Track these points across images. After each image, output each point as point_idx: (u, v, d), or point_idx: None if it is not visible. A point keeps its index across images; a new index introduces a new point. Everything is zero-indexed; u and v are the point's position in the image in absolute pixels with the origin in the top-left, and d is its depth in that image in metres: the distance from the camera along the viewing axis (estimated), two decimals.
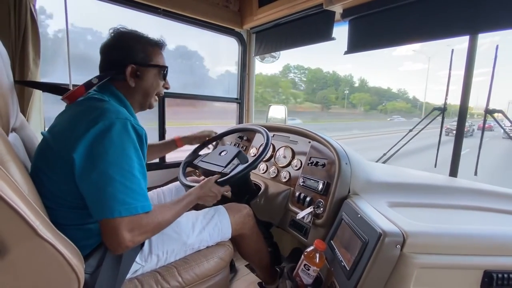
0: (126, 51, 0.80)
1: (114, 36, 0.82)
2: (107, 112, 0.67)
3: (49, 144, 0.69)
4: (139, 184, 0.67)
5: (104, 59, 0.82)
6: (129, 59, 0.80)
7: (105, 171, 0.63)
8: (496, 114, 1.36)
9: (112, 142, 0.64)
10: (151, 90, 0.86)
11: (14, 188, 0.47)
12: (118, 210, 0.62)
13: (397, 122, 33.74)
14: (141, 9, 1.55)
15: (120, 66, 0.79)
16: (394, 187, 1.05)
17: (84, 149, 0.63)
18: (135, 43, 0.81)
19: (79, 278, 0.56)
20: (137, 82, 0.82)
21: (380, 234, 0.68)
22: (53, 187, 0.67)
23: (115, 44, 0.81)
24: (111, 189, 0.62)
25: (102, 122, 0.64)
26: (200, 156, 1.31)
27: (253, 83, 2.17)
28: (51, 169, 0.67)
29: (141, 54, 0.82)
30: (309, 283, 0.86)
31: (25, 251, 0.48)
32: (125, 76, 0.80)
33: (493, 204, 1.01)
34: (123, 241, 0.63)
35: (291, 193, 1.22)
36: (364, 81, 63.88)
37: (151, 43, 0.85)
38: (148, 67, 0.83)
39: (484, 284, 0.69)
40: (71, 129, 0.66)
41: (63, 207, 0.69)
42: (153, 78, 0.85)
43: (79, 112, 0.71)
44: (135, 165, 0.67)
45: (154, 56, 0.85)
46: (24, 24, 1.11)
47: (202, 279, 0.92)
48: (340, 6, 1.34)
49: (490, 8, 1.05)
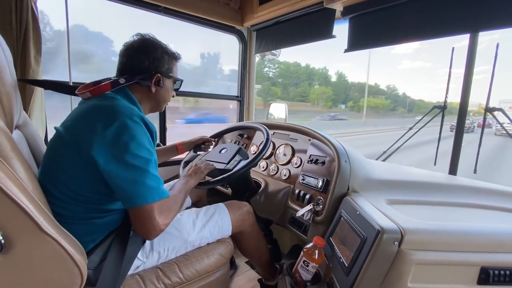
0: (155, 59, 0.85)
1: (143, 42, 0.86)
2: (122, 110, 0.71)
3: (63, 138, 0.72)
4: (156, 172, 0.73)
5: (129, 61, 0.85)
6: (157, 68, 0.86)
7: (132, 163, 0.68)
8: (496, 112, 1.36)
9: (132, 137, 0.68)
10: (167, 97, 0.94)
11: (19, 185, 0.47)
12: (151, 196, 0.69)
13: (328, 122, 23.15)
14: (142, 6, 1.55)
15: (147, 73, 0.84)
16: (393, 185, 1.06)
17: (106, 147, 0.67)
18: (163, 53, 0.87)
19: (82, 273, 0.57)
20: (157, 90, 0.88)
21: (378, 231, 0.69)
22: (66, 178, 0.70)
23: (145, 51, 0.85)
24: (141, 178, 0.68)
25: (119, 120, 0.69)
26: (200, 154, 1.32)
27: (253, 80, 2.17)
28: (65, 163, 0.70)
29: (166, 65, 0.88)
30: (308, 279, 0.87)
31: (29, 246, 0.49)
32: (150, 82, 0.85)
33: (491, 202, 1.01)
34: (157, 225, 0.70)
35: (291, 190, 1.23)
36: (342, 75, 57.20)
37: (174, 56, 0.92)
38: (169, 78, 0.91)
39: (481, 280, 0.70)
40: (88, 127, 0.70)
41: (72, 200, 0.71)
42: (170, 87, 0.93)
43: (94, 110, 0.74)
44: (154, 155, 0.73)
45: (175, 68, 0.93)
46: (25, 22, 1.12)
47: (203, 275, 0.93)
48: (340, 4, 1.34)
49: (490, 7, 1.05)
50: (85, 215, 0.74)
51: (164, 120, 1.75)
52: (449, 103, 1.46)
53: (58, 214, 0.69)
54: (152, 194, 0.70)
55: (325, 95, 46.79)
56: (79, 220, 0.73)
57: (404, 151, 1.61)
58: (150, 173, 0.70)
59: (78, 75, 1.38)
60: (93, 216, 0.75)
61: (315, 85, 48.93)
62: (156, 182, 0.72)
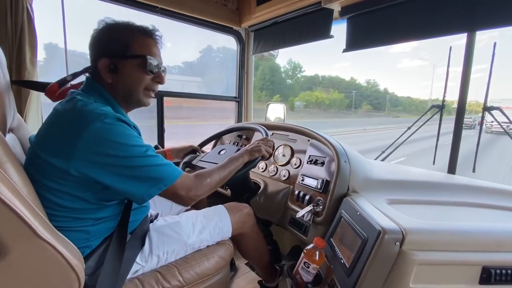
0: (99, 43, 0.73)
1: (93, 35, 0.75)
2: (95, 115, 0.64)
3: (38, 153, 0.66)
4: (158, 159, 0.71)
5: (90, 57, 0.76)
6: (102, 51, 0.72)
7: (129, 165, 0.66)
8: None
9: (115, 140, 0.64)
10: (132, 85, 0.76)
11: (13, 189, 0.46)
12: (163, 183, 0.70)
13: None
14: (139, 7, 1.54)
15: (94, 61, 0.73)
16: (393, 185, 1.05)
17: (90, 157, 0.63)
18: (111, 34, 0.73)
19: (80, 278, 0.56)
20: (114, 77, 0.74)
21: (379, 231, 0.69)
22: (51, 194, 0.66)
23: (92, 40, 0.74)
24: (145, 173, 0.67)
25: (95, 126, 0.62)
26: (199, 156, 1.31)
27: (251, 81, 2.17)
28: (47, 178, 0.65)
29: (116, 44, 0.72)
30: (309, 280, 0.87)
31: (25, 252, 0.48)
32: (99, 71, 0.73)
33: (491, 201, 1.01)
34: (188, 198, 0.75)
35: (290, 191, 1.22)
36: (297, 67, 52.06)
37: (132, 31, 0.74)
38: (125, 59, 0.73)
39: (483, 280, 0.70)
40: (62, 139, 0.64)
41: (62, 213, 0.68)
42: (133, 71, 0.75)
43: (65, 118, 0.67)
44: (146, 147, 0.69)
45: (135, 45, 0.74)
46: (20, 23, 1.10)
47: (203, 278, 0.92)
48: (338, 4, 1.34)
49: (487, 6, 1.05)
50: (77, 225, 0.71)
51: (162, 122, 1.74)
52: (435, 101, 1.46)
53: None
54: (159, 185, 0.69)
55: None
56: (71, 228, 0.70)
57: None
58: (150, 166, 0.68)
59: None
60: (85, 224, 0.72)
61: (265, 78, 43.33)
62: (159, 169, 0.70)
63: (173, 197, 0.75)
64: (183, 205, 0.78)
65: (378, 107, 60.33)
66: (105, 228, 0.77)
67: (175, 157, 1.30)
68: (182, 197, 0.74)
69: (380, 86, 73.23)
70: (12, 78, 1.11)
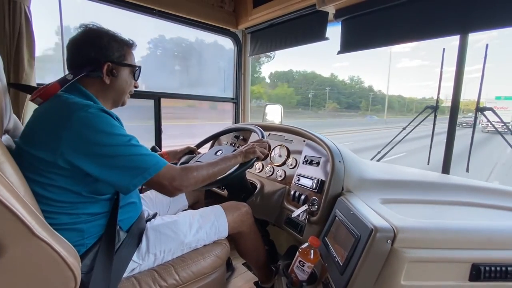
0: (102, 48, 0.79)
1: (87, 32, 0.80)
2: (76, 107, 0.67)
3: (25, 149, 0.68)
4: (142, 149, 0.73)
5: (76, 55, 0.79)
6: (106, 57, 0.80)
7: (112, 153, 0.67)
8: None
9: (99, 129, 0.67)
10: (125, 88, 0.88)
11: (10, 189, 0.47)
12: (148, 173, 0.70)
13: None
14: (136, 10, 1.55)
15: (96, 64, 0.78)
16: (387, 184, 1.07)
17: (75, 146, 0.65)
18: (111, 41, 0.81)
19: (76, 276, 0.57)
20: (112, 80, 0.82)
21: (371, 229, 0.70)
22: (42, 190, 0.67)
23: (90, 41, 0.79)
24: (128, 162, 0.69)
25: (75, 118, 0.65)
26: (196, 156, 1.32)
27: (248, 83, 2.18)
28: (36, 173, 0.66)
29: (116, 52, 0.82)
30: (304, 279, 0.88)
31: (22, 251, 0.49)
32: (102, 73, 0.79)
33: (482, 200, 1.03)
34: (169, 188, 0.75)
35: (286, 191, 1.23)
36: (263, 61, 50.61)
37: (127, 43, 0.86)
38: (123, 66, 0.84)
39: (472, 276, 0.71)
40: (47, 131, 0.66)
41: (56, 208, 0.69)
42: (127, 77, 0.87)
43: (49, 112, 0.70)
44: (130, 137, 0.71)
45: (128, 55, 0.86)
46: (18, 25, 1.11)
47: (199, 277, 0.93)
48: (332, 7, 1.36)
49: (480, 8, 1.07)
50: (71, 221, 0.71)
51: (159, 123, 1.74)
52: (429, 100, 1.48)
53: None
54: (144, 175, 0.70)
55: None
56: (65, 226, 0.70)
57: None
58: (134, 155, 0.70)
59: None
60: (79, 221, 0.72)
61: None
62: (143, 158, 0.71)
63: (157, 186, 0.75)
64: (167, 195, 0.77)
65: (353, 105, 55.22)
66: (99, 225, 0.77)
67: (172, 159, 1.31)
68: (165, 186, 0.74)
69: (365, 83, 68.73)
70: (10, 80, 1.12)
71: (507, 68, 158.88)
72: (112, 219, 0.78)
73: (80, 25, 0.81)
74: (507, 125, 1.41)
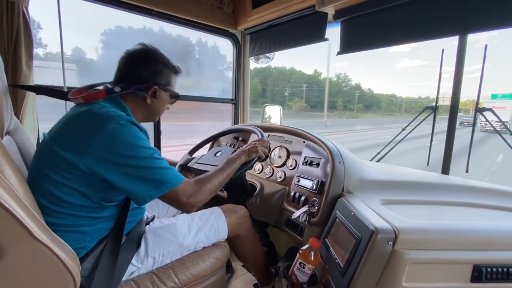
0: (155, 72, 0.85)
1: (145, 52, 0.85)
2: (111, 117, 0.71)
3: (51, 147, 0.70)
4: (163, 163, 0.74)
5: (129, 70, 0.84)
6: (155, 80, 0.85)
7: (136, 165, 0.69)
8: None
9: (126, 141, 0.69)
10: (161, 110, 0.93)
11: (9, 191, 0.47)
12: (166, 186, 0.72)
13: None
14: (135, 11, 1.55)
15: (145, 84, 0.84)
16: (387, 185, 1.07)
17: (101, 154, 0.67)
18: (164, 67, 0.87)
19: (75, 279, 0.56)
20: (153, 101, 0.87)
21: (372, 231, 0.70)
22: (54, 188, 0.69)
23: (146, 62, 0.84)
24: (149, 174, 0.70)
25: (108, 127, 0.68)
26: (195, 158, 1.32)
27: (248, 83, 2.18)
28: (54, 171, 0.69)
29: (165, 78, 0.88)
30: (304, 281, 0.87)
31: (21, 254, 0.48)
32: (146, 94, 0.84)
33: (484, 201, 1.03)
34: (188, 205, 0.76)
35: (286, 192, 1.23)
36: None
37: (175, 70, 0.91)
38: (166, 91, 0.90)
39: (474, 278, 0.71)
40: (77, 135, 0.70)
41: (62, 208, 0.70)
42: (166, 100, 0.92)
43: (82, 117, 0.73)
44: (152, 150, 0.73)
45: (173, 81, 0.92)
46: (16, 27, 1.11)
47: (199, 279, 0.93)
48: (332, 8, 1.36)
49: (479, 9, 1.07)
50: (74, 223, 0.72)
51: (158, 125, 1.74)
52: (425, 99, 1.48)
53: (48, 223, 0.67)
54: (161, 188, 0.71)
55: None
56: (68, 227, 0.71)
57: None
58: (156, 167, 0.72)
59: (72, 81, 1.37)
60: (82, 224, 0.73)
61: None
62: (163, 172, 0.73)
63: (175, 202, 0.76)
64: (184, 211, 0.79)
65: (330, 104, 49.51)
66: (101, 228, 0.77)
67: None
68: (182, 203, 0.75)
69: (352, 81, 64.26)
70: (8, 81, 1.11)
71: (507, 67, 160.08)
72: (119, 223, 0.79)
73: (140, 43, 0.87)
74: (505, 124, 1.42)
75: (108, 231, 0.79)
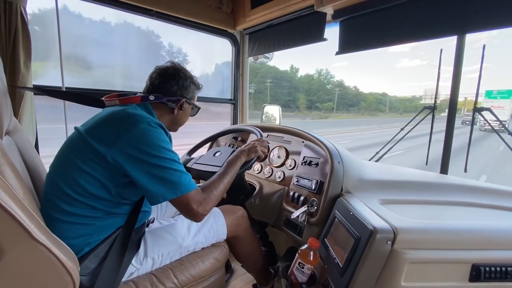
0: (184, 87, 0.95)
1: (176, 69, 0.95)
2: (143, 118, 0.77)
3: (85, 138, 0.75)
4: (181, 167, 0.78)
5: (162, 84, 0.92)
6: (183, 94, 0.95)
7: (155, 164, 0.73)
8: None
9: (152, 140, 0.74)
10: (184, 121, 1.02)
11: (8, 192, 0.47)
12: (180, 190, 0.74)
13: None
14: (134, 11, 1.54)
15: (175, 97, 0.93)
16: (386, 185, 1.07)
17: (128, 150, 0.72)
18: (191, 83, 0.97)
19: (74, 280, 0.56)
20: (179, 113, 0.97)
21: (371, 231, 0.70)
22: (79, 176, 0.73)
23: (177, 78, 0.93)
24: (168, 175, 0.74)
25: (140, 126, 0.74)
26: (194, 158, 1.32)
27: (247, 83, 2.18)
28: (83, 160, 0.73)
29: (191, 93, 0.98)
30: (303, 281, 0.87)
31: (20, 254, 0.48)
32: (175, 105, 0.94)
33: (481, 200, 1.03)
34: (197, 213, 0.77)
35: (285, 192, 1.23)
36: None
37: (198, 87, 1.02)
38: (190, 105, 1.00)
39: (472, 277, 0.71)
40: (111, 130, 0.75)
41: (81, 197, 0.73)
42: (188, 113, 1.01)
43: (117, 116, 0.79)
44: (175, 155, 0.78)
45: (196, 96, 1.02)
46: (14, 27, 1.10)
47: (198, 280, 0.93)
48: (331, 8, 1.36)
49: (477, 9, 1.08)
50: (89, 215, 0.75)
51: None
52: (419, 99, 1.48)
53: (64, 211, 0.72)
54: (181, 188, 0.74)
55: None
56: (81, 219, 0.74)
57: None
58: (175, 170, 0.75)
59: (71, 80, 1.37)
60: (96, 216, 0.76)
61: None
62: (181, 176, 0.76)
63: (185, 208, 0.77)
64: (192, 219, 0.80)
65: (308, 105, 45.03)
66: (111, 225, 0.80)
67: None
68: (193, 211, 0.77)
69: (335, 78, 57.82)
70: (6, 81, 1.11)
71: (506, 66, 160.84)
72: (129, 223, 0.82)
73: (169, 60, 0.98)
74: (503, 124, 1.43)
75: (114, 229, 0.80)
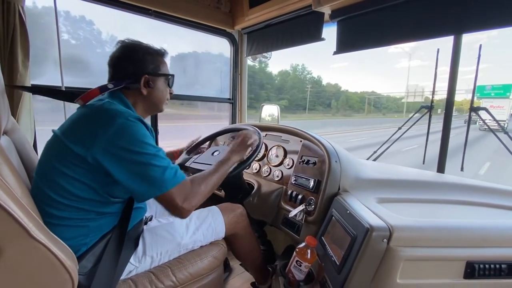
0: (139, 63, 0.86)
1: (123, 48, 0.87)
2: (119, 113, 0.73)
3: (62, 142, 0.72)
4: (165, 162, 0.75)
5: (116, 70, 0.86)
6: (142, 70, 0.86)
7: (136, 160, 0.70)
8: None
9: (132, 136, 0.71)
10: (162, 97, 0.93)
11: (7, 191, 0.47)
12: (165, 186, 0.72)
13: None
14: (132, 10, 1.54)
15: (134, 77, 0.85)
16: (383, 184, 1.08)
17: (108, 148, 0.69)
18: (145, 54, 0.87)
19: (73, 279, 0.57)
20: (149, 91, 0.89)
21: (367, 229, 0.71)
22: (63, 180, 0.70)
23: (127, 57, 0.86)
24: (148, 172, 0.70)
25: (118, 122, 0.70)
26: (193, 158, 1.32)
27: (245, 83, 2.19)
28: (63, 164, 0.70)
29: (151, 64, 0.88)
30: (301, 279, 0.88)
31: (18, 253, 0.49)
32: (139, 85, 0.86)
33: (477, 198, 1.04)
34: (182, 209, 0.75)
35: (283, 191, 1.24)
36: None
37: (159, 53, 0.91)
38: (158, 76, 0.90)
39: (467, 274, 0.72)
40: (88, 129, 0.72)
41: (69, 201, 0.71)
42: (163, 86, 0.92)
43: (92, 113, 0.75)
44: (157, 148, 0.75)
45: (161, 65, 0.91)
46: (12, 26, 1.10)
47: (196, 278, 0.93)
48: (328, 8, 1.37)
49: (474, 9, 1.08)
50: (80, 217, 0.74)
51: (156, 124, 1.74)
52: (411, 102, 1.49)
53: (54, 216, 0.70)
54: (165, 185, 0.72)
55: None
56: (73, 222, 0.73)
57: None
58: (157, 166, 0.72)
59: (70, 80, 1.37)
60: (88, 218, 0.75)
61: None
62: (164, 172, 0.73)
63: (170, 205, 0.75)
64: (178, 216, 0.77)
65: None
66: (105, 224, 0.79)
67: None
68: (177, 207, 0.74)
69: (313, 74, 56.33)
70: (4, 81, 1.11)
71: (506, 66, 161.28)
72: (123, 222, 0.81)
73: (118, 42, 0.88)
74: (501, 123, 1.44)
75: (110, 228, 0.80)
